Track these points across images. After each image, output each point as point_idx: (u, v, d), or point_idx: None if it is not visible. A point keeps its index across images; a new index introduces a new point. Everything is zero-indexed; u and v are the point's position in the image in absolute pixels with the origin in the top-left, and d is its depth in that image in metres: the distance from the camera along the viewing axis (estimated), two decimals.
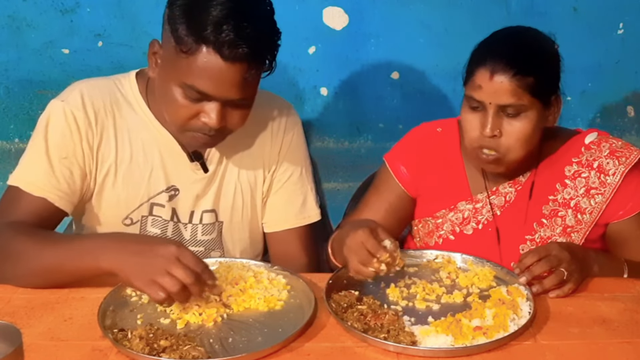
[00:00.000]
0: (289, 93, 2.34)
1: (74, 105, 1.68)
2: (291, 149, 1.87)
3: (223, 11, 1.48)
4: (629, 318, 1.49)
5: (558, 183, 1.80)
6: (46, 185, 1.65)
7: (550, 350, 1.37)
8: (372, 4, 2.34)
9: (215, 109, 1.56)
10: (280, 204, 1.89)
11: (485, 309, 1.47)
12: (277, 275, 1.63)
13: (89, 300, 1.51)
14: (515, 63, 1.63)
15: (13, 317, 1.45)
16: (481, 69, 1.66)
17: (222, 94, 1.54)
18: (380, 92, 2.44)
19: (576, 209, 1.78)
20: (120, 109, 1.73)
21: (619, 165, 1.75)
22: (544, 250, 1.58)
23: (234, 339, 1.40)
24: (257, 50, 1.52)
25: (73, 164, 1.68)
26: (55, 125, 1.67)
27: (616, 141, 1.81)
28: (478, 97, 1.67)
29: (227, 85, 1.53)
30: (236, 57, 1.49)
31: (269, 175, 1.87)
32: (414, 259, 1.73)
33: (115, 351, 1.34)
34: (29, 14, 2.29)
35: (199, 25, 1.49)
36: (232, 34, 1.47)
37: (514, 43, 1.70)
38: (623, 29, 2.40)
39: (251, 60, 1.52)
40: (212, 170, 1.79)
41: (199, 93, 1.54)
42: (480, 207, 1.84)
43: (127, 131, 1.73)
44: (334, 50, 2.39)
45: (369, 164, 2.37)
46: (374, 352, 1.35)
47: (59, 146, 1.67)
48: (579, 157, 1.80)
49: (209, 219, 1.82)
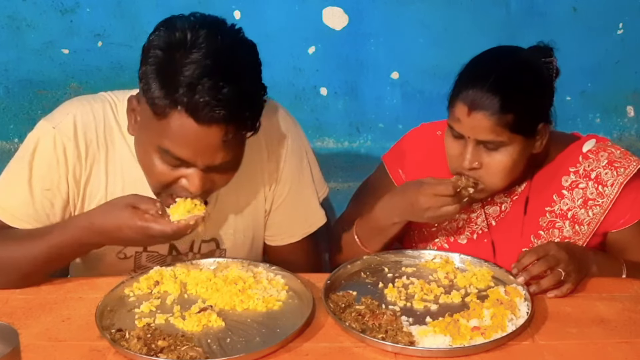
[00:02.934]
0: (289, 93, 2.34)
1: (66, 135, 1.58)
2: (289, 159, 1.74)
3: (197, 70, 1.34)
4: (627, 318, 1.48)
5: (555, 194, 1.77)
6: (24, 215, 1.59)
7: (548, 350, 1.37)
8: (372, 4, 2.34)
9: (196, 175, 1.45)
10: (284, 219, 1.80)
11: (483, 309, 1.47)
12: (275, 275, 1.63)
13: (87, 300, 1.51)
14: (494, 100, 1.58)
15: (10, 317, 1.45)
16: (460, 103, 1.62)
17: (201, 161, 1.43)
18: (380, 92, 2.44)
19: (573, 220, 1.76)
20: (113, 139, 1.62)
21: (617, 177, 1.72)
22: (542, 250, 1.58)
23: (232, 339, 1.39)
24: (235, 112, 1.38)
25: (55, 196, 1.60)
26: (43, 154, 1.58)
27: (615, 150, 1.77)
28: (457, 129, 1.65)
29: (205, 150, 1.41)
30: (212, 120, 1.37)
31: (271, 192, 1.76)
32: (412, 259, 1.72)
33: (113, 351, 1.34)
34: (29, 14, 2.29)
35: (171, 86, 1.36)
36: (206, 96, 1.34)
37: (496, 76, 1.61)
38: (623, 29, 2.40)
39: (229, 123, 1.39)
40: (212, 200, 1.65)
41: (176, 159, 1.44)
42: (475, 217, 1.82)
43: (119, 164, 1.64)
44: (333, 50, 2.39)
45: (368, 164, 2.36)
46: (372, 352, 1.35)
47: (43, 177, 1.59)
48: (576, 166, 1.77)
49: (207, 248, 1.75)
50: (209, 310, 1.47)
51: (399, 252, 1.75)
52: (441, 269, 1.68)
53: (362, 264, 1.69)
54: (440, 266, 1.69)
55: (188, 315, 1.45)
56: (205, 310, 1.46)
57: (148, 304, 1.50)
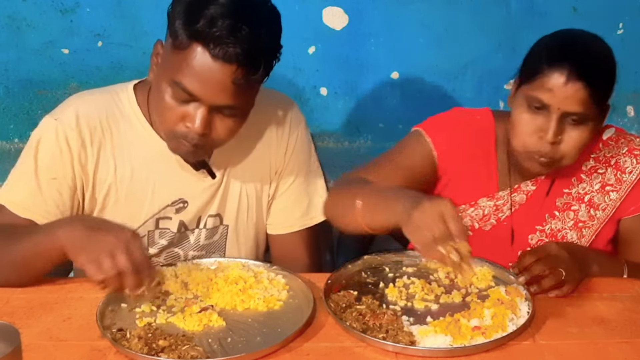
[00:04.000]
0: (289, 93, 2.32)
1: (67, 125, 1.62)
2: (297, 149, 1.81)
3: (220, 9, 1.42)
4: (628, 318, 1.49)
5: (574, 177, 1.78)
6: (33, 206, 1.61)
7: (548, 350, 1.37)
8: (372, 4, 2.34)
9: (200, 113, 1.48)
10: (286, 207, 1.84)
11: (484, 308, 1.47)
12: (276, 275, 1.63)
13: (88, 300, 1.51)
14: (592, 72, 1.57)
15: (12, 317, 1.45)
16: (555, 71, 1.57)
17: (208, 97, 1.47)
18: (380, 92, 2.44)
19: (590, 204, 1.77)
20: (117, 125, 1.66)
21: (637, 164, 1.75)
22: (543, 250, 1.58)
23: (232, 339, 1.39)
24: (250, 53, 1.43)
25: (62, 185, 1.63)
26: (46, 145, 1.62)
27: (634, 138, 1.79)
28: (546, 100, 1.58)
29: (214, 87, 1.45)
30: (226, 57, 1.42)
31: (276, 177, 1.81)
32: (412, 259, 1.73)
33: (114, 351, 1.34)
34: (29, 14, 2.29)
35: (193, 20, 1.43)
36: (224, 32, 1.41)
37: (590, 50, 1.62)
38: (623, 29, 2.40)
39: (242, 63, 1.43)
40: (218, 176, 1.74)
41: (185, 92, 1.47)
42: (501, 205, 1.81)
43: (126, 148, 1.67)
44: (333, 50, 2.39)
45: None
46: (373, 352, 1.35)
47: (48, 167, 1.62)
48: (596, 152, 1.78)
49: (212, 223, 1.79)
50: (209, 309, 1.47)
51: (399, 252, 1.75)
52: (442, 268, 1.67)
53: (362, 264, 1.69)
54: (441, 266, 1.69)
55: (189, 315, 1.45)
56: (206, 310, 1.46)
57: (149, 303, 1.50)
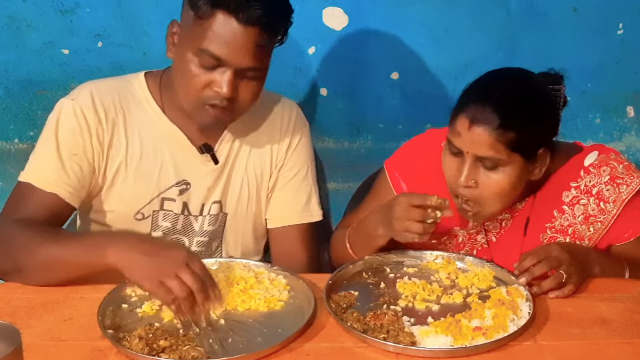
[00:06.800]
0: (289, 93, 2.32)
1: (84, 104, 1.71)
2: (298, 148, 1.90)
3: None
4: (629, 318, 1.49)
5: (555, 210, 1.75)
6: (57, 181, 1.67)
7: (549, 350, 1.37)
8: (372, 4, 2.34)
9: (227, 77, 1.58)
10: (285, 201, 1.91)
11: (485, 309, 1.47)
12: (277, 275, 1.63)
13: (89, 300, 1.51)
14: (497, 115, 1.55)
15: (13, 317, 1.45)
16: (462, 116, 1.59)
17: (235, 60, 1.57)
18: (380, 92, 2.43)
19: (574, 236, 1.74)
20: (129, 107, 1.76)
21: (619, 194, 1.70)
22: (544, 251, 1.57)
23: (233, 340, 1.40)
24: (270, 15, 1.56)
25: (83, 161, 1.70)
26: (65, 123, 1.70)
27: (617, 164, 1.73)
28: (456, 143, 1.61)
29: (241, 50, 1.56)
30: (249, 20, 1.54)
31: (276, 171, 1.89)
32: (414, 260, 1.73)
33: (114, 351, 1.34)
34: (29, 14, 2.28)
35: None
36: None
37: (501, 91, 1.58)
38: (623, 29, 2.40)
39: (264, 25, 1.56)
40: (222, 162, 1.81)
41: (213, 58, 1.56)
42: (474, 234, 1.81)
43: (137, 128, 1.76)
44: (333, 51, 2.38)
45: (368, 164, 2.36)
46: (374, 352, 1.35)
47: (69, 143, 1.69)
48: (577, 181, 1.74)
49: (215, 209, 1.84)
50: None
51: (400, 253, 1.75)
52: (443, 269, 1.68)
53: (363, 264, 1.69)
54: (442, 267, 1.69)
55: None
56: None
57: (150, 303, 1.50)
